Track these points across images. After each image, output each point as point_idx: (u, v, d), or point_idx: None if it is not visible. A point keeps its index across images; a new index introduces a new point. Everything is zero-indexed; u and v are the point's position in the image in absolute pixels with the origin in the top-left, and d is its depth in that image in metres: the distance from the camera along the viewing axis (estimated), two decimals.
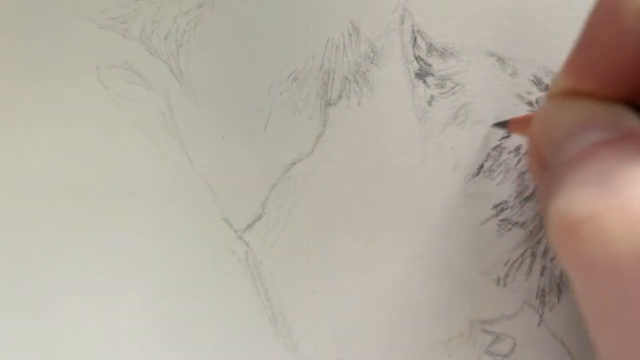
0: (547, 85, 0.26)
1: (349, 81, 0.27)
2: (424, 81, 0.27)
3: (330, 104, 0.27)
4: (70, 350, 0.28)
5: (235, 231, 0.28)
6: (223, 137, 0.27)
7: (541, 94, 0.26)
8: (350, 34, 0.27)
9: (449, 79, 0.26)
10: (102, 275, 0.28)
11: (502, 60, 0.26)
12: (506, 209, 0.27)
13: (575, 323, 0.27)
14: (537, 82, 0.26)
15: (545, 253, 0.27)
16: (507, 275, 0.27)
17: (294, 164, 0.27)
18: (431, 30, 0.26)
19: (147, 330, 0.28)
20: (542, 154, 0.18)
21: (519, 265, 0.27)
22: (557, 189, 0.16)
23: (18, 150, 0.28)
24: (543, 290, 0.27)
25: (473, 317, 0.27)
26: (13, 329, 0.28)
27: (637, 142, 0.15)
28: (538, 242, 0.27)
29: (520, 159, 0.26)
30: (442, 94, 0.26)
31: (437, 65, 0.26)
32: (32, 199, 0.28)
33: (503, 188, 0.27)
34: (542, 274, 0.27)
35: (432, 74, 0.27)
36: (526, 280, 0.27)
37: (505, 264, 0.27)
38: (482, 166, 0.27)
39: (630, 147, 0.15)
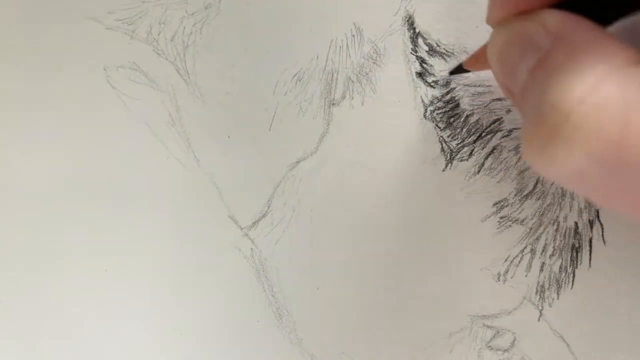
0: None
1: (352, 81, 0.27)
2: (426, 81, 0.27)
3: (334, 104, 0.27)
4: (78, 345, 0.29)
5: (241, 228, 0.28)
6: (229, 137, 0.28)
7: None
8: (354, 35, 0.27)
9: (450, 79, 0.27)
10: (109, 272, 0.28)
11: None
12: (506, 206, 0.27)
13: (574, 318, 0.27)
14: None
15: (544, 249, 0.27)
16: (507, 271, 0.27)
17: (298, 162, 0.28)
18: (432, 31, 0.27)
19: (153, 325, 0.28)
20: (507, 87, 0.19)
21: (519, 262, 0.27)
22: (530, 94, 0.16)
23: (27, 149, 0.28)
24: (542, 286, 0.27)
25: (474, 312, 0.27)
26: (22, 324, 0.29)
27: (563, 45, 0.16)
28: (537, 238, 0.27)
29: (520, 157, 0.27)
30: (443, 93, 0.27)
31: (439, 65, 0.27)
32: (41, 197, 0.28)
33: (503, 186, 0.27)
34: (541, 270, 0.27)
35: (433, 74, 0.27)
36: (526, 276, 0.27)
37: (505, 261, 0.27)
38: (482, 164, 0.27)
39: (554, 58, 0.15)
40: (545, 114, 0.15)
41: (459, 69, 0.26)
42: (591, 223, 0.27)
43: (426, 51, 0.27)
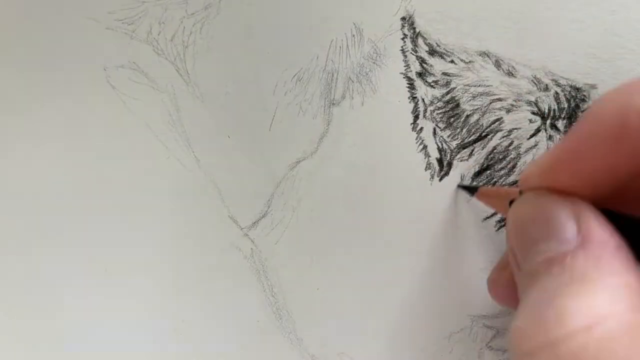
0: (546, 85, 0.27)
1: (352, 81, 0.27)
2: (426, 81, 0.27)
3: (334, 104, 0.27)
4: (78, 345, 0.29)
5: (241, 229, 0.28)
6: (229, 137, 0.28)
7: (541, 94, 0.27)
8: (354, 35, 0.27)
9: (450, 79, 0.27)
10: (109, 272, 0.28)
11: (502, 60, 0.27)
12: None
13: None
14: (537, 82, 0.27)
15: None
16: None
17: (298, 162, 0.28)
18: (432, 31, 0.27)
19: (153, 326, 0.28)
20: (516, 255, 0.18)
21: None
22: (519, 303, 0.16)
23: (27, 149, 0.28)
24: None
25: (474, 312, 0.27)
26: (22, 324, 0.29)
27: (586, 255, 0.15)
28: None
29: (520, 157, 0.27)
30: (443, 93, 0.27)
31: (439, 65, 0.27)
32: (41, 197, 0.28)
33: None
34: None
35: (433, 74, 0.27)
36: None
37: None
38: (482, 164, 0.27)
39: (576, 267, 0.15)
40: (548, 319, 0.15)
41: (469, 189, 0.26)
42: None
43: (426, 51, 0.27)
